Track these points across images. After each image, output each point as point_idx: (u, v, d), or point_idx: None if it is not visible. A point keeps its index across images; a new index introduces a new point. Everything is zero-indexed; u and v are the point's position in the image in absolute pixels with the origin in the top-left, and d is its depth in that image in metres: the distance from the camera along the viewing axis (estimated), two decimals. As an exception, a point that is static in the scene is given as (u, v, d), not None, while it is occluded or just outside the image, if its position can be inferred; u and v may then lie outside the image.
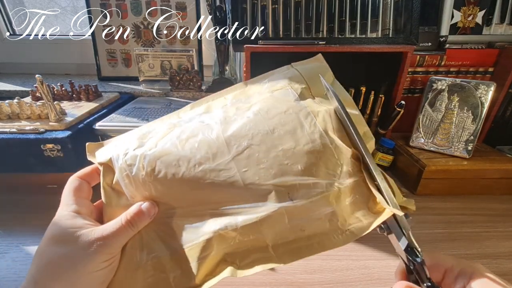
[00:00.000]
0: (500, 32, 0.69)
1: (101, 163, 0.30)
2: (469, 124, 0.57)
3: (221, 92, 0.36)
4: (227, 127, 0.30)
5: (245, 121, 0.30)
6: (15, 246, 0.42)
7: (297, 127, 0.30)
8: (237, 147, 0.29)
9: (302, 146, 0.28)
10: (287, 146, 0.28)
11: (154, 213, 0.27)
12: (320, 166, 0.28)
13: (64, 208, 0.27)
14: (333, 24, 0.67)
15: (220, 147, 0.29)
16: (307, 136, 0.29)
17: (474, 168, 0.56)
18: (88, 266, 0.23)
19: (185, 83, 0.78)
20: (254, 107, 0.32)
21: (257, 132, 0.29)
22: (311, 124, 0.30)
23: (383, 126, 0.55)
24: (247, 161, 0.28)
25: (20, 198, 0.53)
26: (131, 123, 0.58)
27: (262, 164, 0.28)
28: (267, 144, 0.29)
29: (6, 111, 0.54)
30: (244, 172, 0.27)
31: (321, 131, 0.29)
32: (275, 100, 0.32)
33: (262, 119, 0.30)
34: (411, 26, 0.64)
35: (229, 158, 0.28)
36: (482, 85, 0.56)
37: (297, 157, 0.28)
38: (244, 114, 0.31)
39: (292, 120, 0.30)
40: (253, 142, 0.29)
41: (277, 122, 0.30)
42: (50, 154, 0.50)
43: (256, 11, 0.67)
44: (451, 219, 0.50)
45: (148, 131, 0.32)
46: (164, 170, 0.28)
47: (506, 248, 0.44)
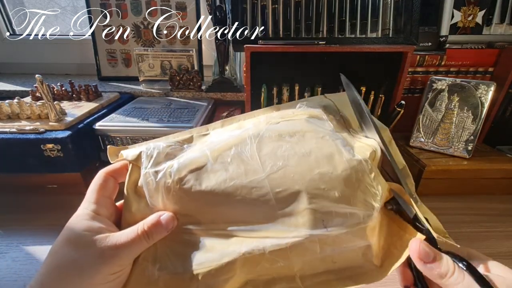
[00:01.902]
0: (500, 32, 0.69)
1: (129, 161, 0.28)
2: (469, 124, 0.57)
3: (253, 112, 0.35)
4: (261, 146, 0.29)
5: (280, 142, 0.29)
6: (15, 246, 0.42)
7: (335, 153, 0.28)
8: (272, 166, 0.27)
9: (340, 172, 0.27)
10: (324, 170, 0.27)
11: (173, 226, 0.26)
12: (358, 195, 0.26)
13: (85, 205, 0.26)
14: (333, 24, 0.67)
15: (254, 164, 0.27)
16: (345, 163, 0.27)
17: (474, 168, 0.56)
18: (95, 278, 0.22)
19: (185, 83, 0.78)
20: (290, 127, 0.31)
21: (293, 154, 0.28)
22: (349, 151, 0.28)
23: (383, 126, 0.55)
24: (282, 181, 0.26)
25: (20, 198, 0.53)
26: (131, 123, 0.58)
27: (297, 185, 0.26)
28: (303, 166, 0.27)
29: (6, 111, 0.54)
30: (278, 193, 0.26)
31: (359, 158, 0.28)
32: (311, 126, 0.31)
33: (298, 142, 0.29)
34: (411, 26, 0.64)
35: (263, 176, 0.26)
36: (482, 85, 0.56)
37: (334, 183, 0.26)
38: (279, 133, 0.30)
39: (330, 145, 0.29)
40: (289, 163, 0.27)
41: (314, 146, 0.29)
42: (50, 154, 0.50)
43: (256, 11, 0.67)
44: (451, 219, 0.50)
45: (183, 139, 0.31)
46: (192, 181, 0.26)
47: (506, 248, 0.44)
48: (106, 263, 0.22)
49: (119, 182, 0.29)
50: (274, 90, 0.63)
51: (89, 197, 0.26)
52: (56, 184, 0.54)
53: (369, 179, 0.27)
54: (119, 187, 0.29)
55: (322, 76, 0.63)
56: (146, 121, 0.59)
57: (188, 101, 0.75)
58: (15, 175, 0.53)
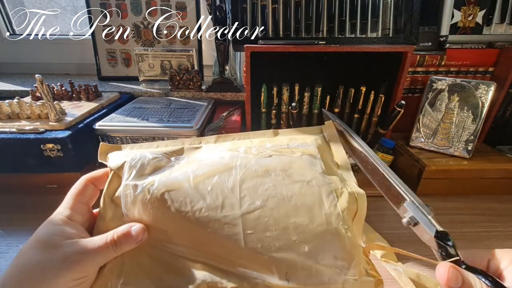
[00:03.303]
0: (500, 32, 0.69)
1: (112, 169, 0.29)
2: (469, 124, 0.57)
3: (248, 133, 0.35)
4: (245, 178, 0.28)
5: (265, 179, 0.29)
6: (15, 246, 0.42)
7: (316, 203, 0.28)
8: (249, 205, 0.27)
9: (315, 226, 0.26)
10: (300, 220, 0.26)
11: (143, 238, 0.26)
12: (328, 254, 0.26)
13: (61, 210, 0.26)
14: (333, 24, 0.67)
15: (232, 198, 0.27)
16: (323, 216, 0.27)
17: (474, 168, 0.56)
18: (57, 282, 0.22)
19: (185, 83, 0.78)
20: (279, 164, 0.30)
21: (274, 195, 0.28)
22: (332, 204, 0.28)
23: (383, 126, 0.55)
24: (255, 223, 0.26)
25: (20, 198, 0.53)
26: (131, 123, 0.58)
27: (269, 231, 0.26)
28: (281, 211, 0.27)
29: (6, 111, 0.54)
30: (249, 234, 0.26)
31: (339, 214, 0.27)
32: (302, 165, 0.31)
33: (282, 181, 0.29)
34: (411, 26, 0.64)
35: (238, 214, 0.26)
36: (482, 85, 0.56)
37: (307, 237, 0.26)
38: (266, 168, 0.30)
39: (313, 193, 0.28)
40: (267, 204, 0.27)
41: (297, 191, 0.28)
42: (50, 154, 0.50)
43: (256, 11, 0.67)
44: (451, 219, 0.50)
45: (172, 150, 0.31)
46: (169, 202, 0.26)
47: (506, 248, 0.44)
48: (70, 268, 0.22)
49: (100, 189, 0.29)
50: (274, 90, 0.63)
51: (65, 202, 0.27)
52: (56, 184, 0.54)
53: (343, 239, 0.26)
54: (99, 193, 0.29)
55: (322, 76, 0.63)
56: (146, 121, 0.59)
57: (188, 101, 0.75)
58: (15, 175, 0.53)
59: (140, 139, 0.57)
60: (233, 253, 0.26)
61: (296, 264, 0.25)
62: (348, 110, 0.65)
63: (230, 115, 0.69)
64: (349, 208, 0.28)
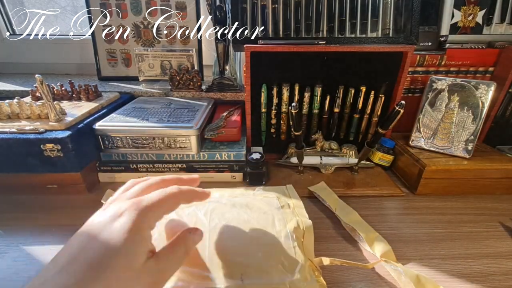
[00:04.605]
0: (500, 32, 0.69)
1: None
2: (469, 124, 0.57)
3: (223, 188, 0.48)
4: (215, 208, 0.39)
5: (231, 209, 0.39)
6: (15, 246, 0.42)
7: (269, 224, 0.37)
8: (216, 224, 0.36)
9: (268, 238, 0.35)
10: (256, 234, 0.35)
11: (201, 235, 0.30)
12: (278, 258, 0.32)
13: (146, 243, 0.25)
14: (333, 24, 0.67)
15: (204, 220, 0.36)
16: (274, 233, 0.36)
17: (474, 168, 0.56)
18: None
19: (185, 83, 0.78)
20: (243, 202, 0.41)
21: (237, 218, 0.37)
22: (281, 224, 0.37)
23: (383, 126, 0.55)
24: (220, 237, 0.34)
25: (20, 198, 0.53)
26: (131, 123, 0.58)
27: (230, 241, 0.34)
28: (241, 228, 0.35)
29: (6, 111, 0.54)
30: (213, 243, 0.33)
31: (288, 232, 0.36)
32: (261, 203, 0.42)
33: (244, 211, 0.39)
34: (411, 25, 0.64)
35: (207, 229, 0.34)
36: (482, 85, 0.56)
37: (260, 246, 0.33)
38: (233, 203, 0.40)
39: (267, 218, 0.38)
40: (230, 223, 0.36)
41: (255, 216, 0.38)
42: (50, 154, 0.50)
43: (256, 11, 0.67)
44: (451, 219, 0.50)
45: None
46: None
47: (506, 248, 0.44)
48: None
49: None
50: (274, 90, 0.63)
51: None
52: (56, 184, 0.54)
53: (291, 249, 0.34)
54: None
55: (322, 76, 0.63)
56: (146, 121, 0.59)
57: (188, 101, 0.75)
58: (15, 175, 0.53)
59: (140, 139, 0.57)
60: (199, 261, 0.31)
61: (250, 266, 0.31)
62: (348, 110, 0.65)
63: (230, 115, 0.69)
64: (297, 230, 0.37)
